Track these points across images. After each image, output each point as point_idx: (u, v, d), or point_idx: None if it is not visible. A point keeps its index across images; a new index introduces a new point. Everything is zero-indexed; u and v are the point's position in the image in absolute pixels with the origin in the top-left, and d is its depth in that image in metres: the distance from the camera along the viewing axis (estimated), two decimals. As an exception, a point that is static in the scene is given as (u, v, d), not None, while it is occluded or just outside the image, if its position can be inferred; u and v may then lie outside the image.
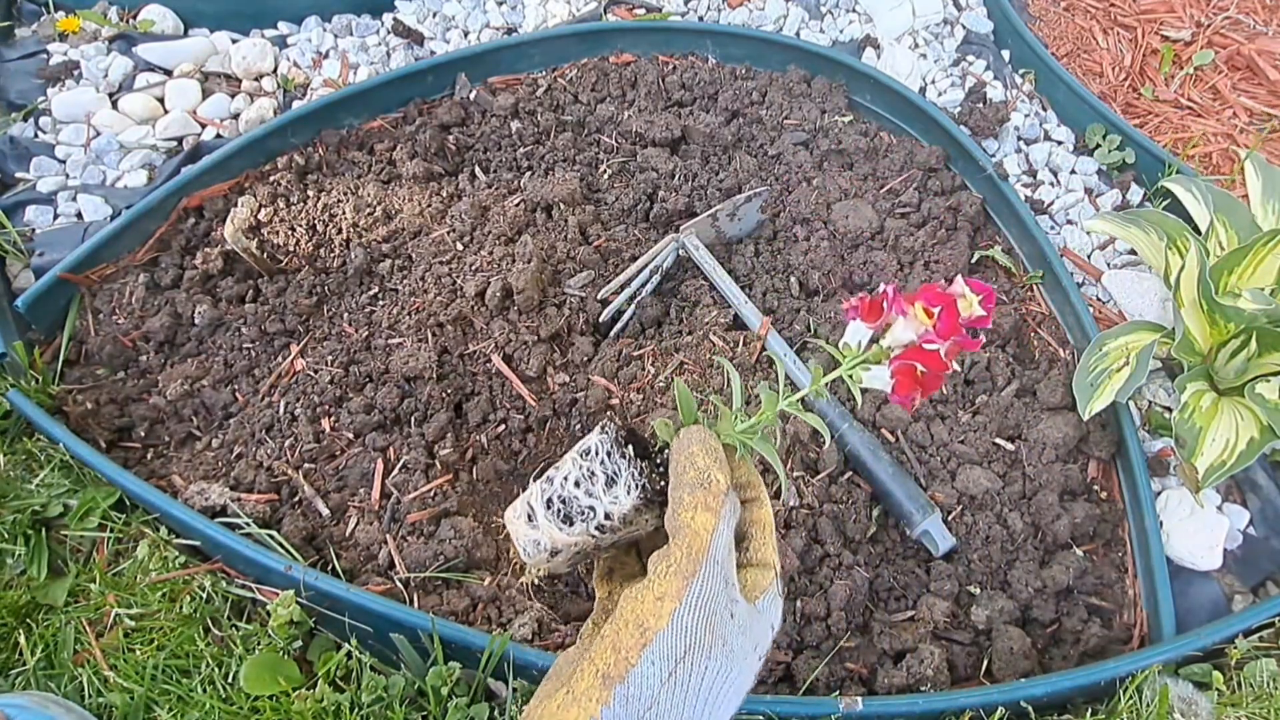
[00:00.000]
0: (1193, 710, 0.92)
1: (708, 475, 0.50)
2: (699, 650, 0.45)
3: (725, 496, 0.49)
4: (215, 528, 0.98)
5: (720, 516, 0.48)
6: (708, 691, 0.45)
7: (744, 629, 0.47)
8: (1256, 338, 1.06)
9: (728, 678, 0.45)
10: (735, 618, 0.46)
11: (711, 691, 0.45)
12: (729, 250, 1.32)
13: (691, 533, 0.47)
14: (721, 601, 0.46)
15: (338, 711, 0.88)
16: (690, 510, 0.48)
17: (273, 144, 1.38)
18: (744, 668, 0.46)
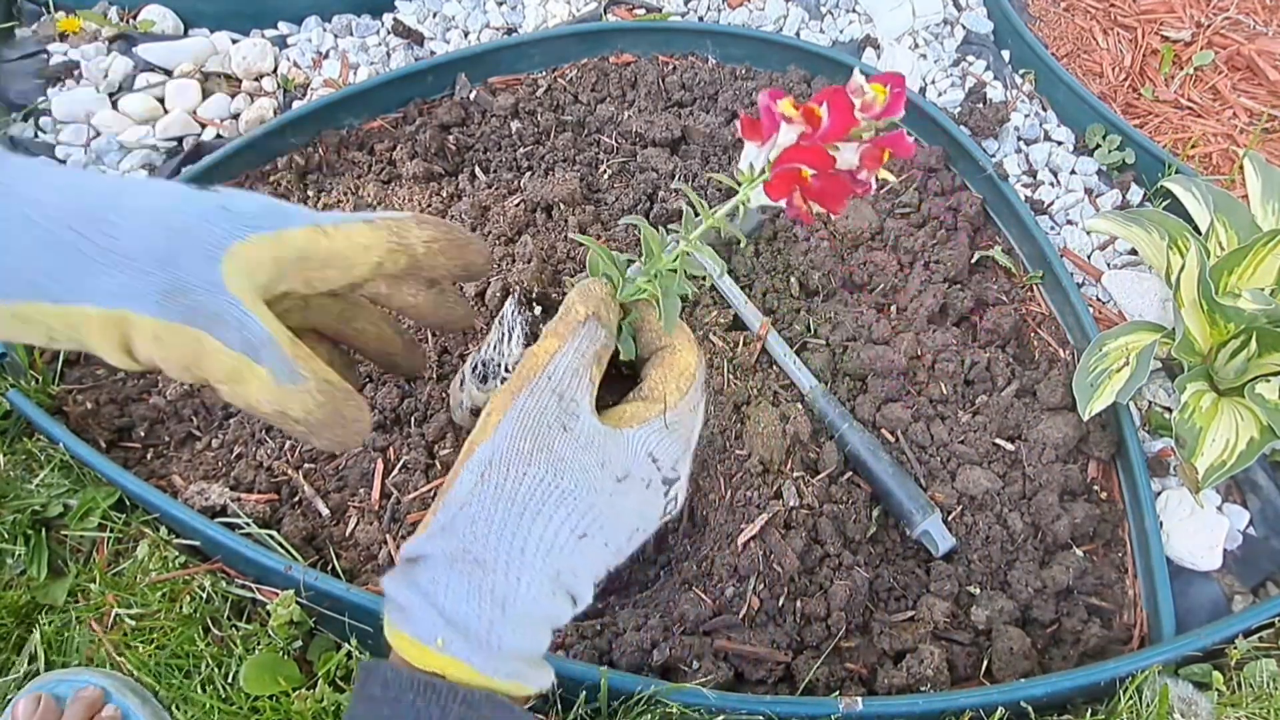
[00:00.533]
0: (1193, 710, 0.92)
1: (569, 307, 0.51)
2: (516, 456, 0.45)
3: (581, 325, 0.50)
4: (215, 528, 0.98)
5: (565, 340, 0.49)
6: (526, 496, 0.44)
7: (586, 446, 0.46)
8: (1256, 338, 1.06)
9: (555, 486, 0.45)
10: (571, 431, 0.46)
11: (531, 497, 0.44)
12: (729, 250, 1.32)
13: (531, 355, 0.49)
14: (552, 414, 0.46)
15: (338, 711, 0.88)
16: (542, 339, 0.49)
17: (273, 144, 1.38)
18: (584, 483, 0.45)
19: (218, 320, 0.42)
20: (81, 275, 0.40)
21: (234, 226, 0.44)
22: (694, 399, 0.52)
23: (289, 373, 0.44)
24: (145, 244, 0.41)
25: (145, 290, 0.41)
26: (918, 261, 1.30)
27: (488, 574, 0.43)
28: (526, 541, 0.44)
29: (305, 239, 0.46)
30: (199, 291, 0.42)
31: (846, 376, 1.18)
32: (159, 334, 0.42)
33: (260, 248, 0.45)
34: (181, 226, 0.43)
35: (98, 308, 0.41)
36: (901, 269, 1.29)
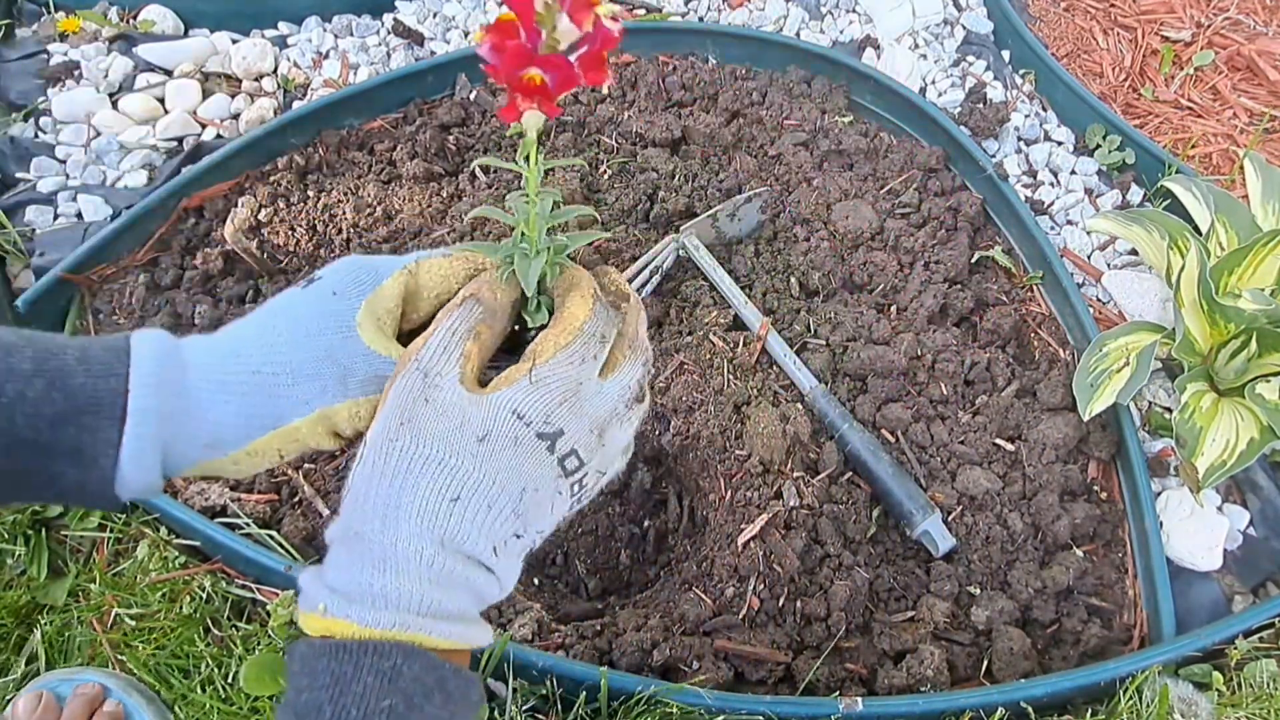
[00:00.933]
0: (1193, 711, 0.92)
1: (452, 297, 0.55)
2: (384, 434, 0.48)
3: (457, 308, 0.52)
4: (215, 528, 0.98)
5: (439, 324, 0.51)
6: (393, 469, 0.47)
7: (444, 412, 0.48)
8: (1256, 338, 1.06)
9: (418, 454, 0.47)
10: (432, 402, 0.48)
11: (398, 469, 0.47)
12: (729, 251, 1.32)
13: (410, 346, 0.51)
14: (417, 390, 0.49)
15: (338, 712, 0.88)
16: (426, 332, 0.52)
17: (273, 144, 1.38)
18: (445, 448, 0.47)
19: (381, 380, 0.52)
20: (278, 403, 0.50)
21: (347, 299, 0.53)
22: (577, 352, 0.52)
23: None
24: (307, 356, 0.51)
25: (326, 389, 0.51)
26: (918, 261, 1.29)
27: (365, 542, 0.46)
28: (399, 508, 0.46)
29: (399, 284, 0.55)
30: (359, 366, 0.52)
31: (846, 376, 1.18)
32: (352, 411, 0.52)
33: (373, 306, 0.54)
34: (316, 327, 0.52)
35: (302, 419, 0.51)
36: (901, 269, 1.29)
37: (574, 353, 0.52)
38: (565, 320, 0.53)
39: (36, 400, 0.45)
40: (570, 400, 0.51)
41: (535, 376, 0.50)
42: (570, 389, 0.51)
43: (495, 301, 0.54)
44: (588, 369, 0.52)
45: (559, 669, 0.88)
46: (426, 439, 0.47)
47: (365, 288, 0.54)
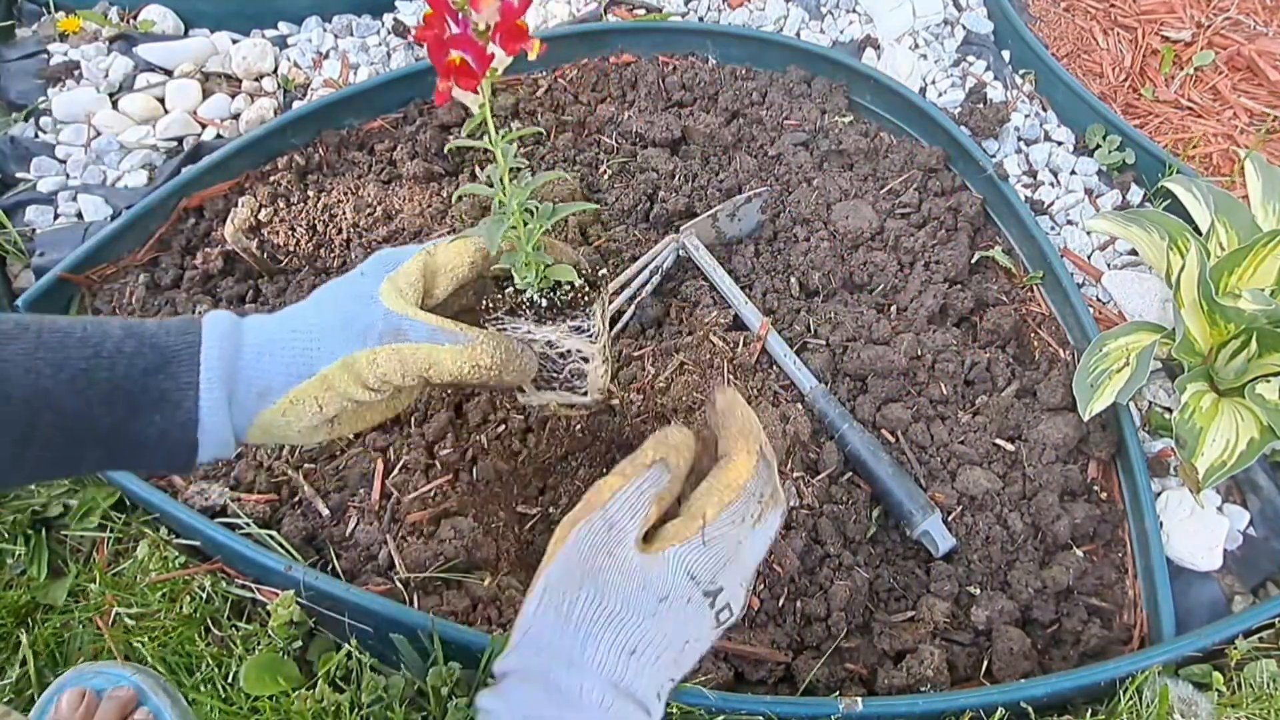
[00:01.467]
0: (1193, 711, 0.92)
1: (642, 449, 0.59)
2: (569, 581, 0.52)
3: (647, 468, 0.56)
4: (215, 528, 0.98)
5: (628, 480, 0.56)
6: (578, 617, 0.52)
7: (629, 571, 0.53)
8: (1257, 338, 1.06)
9: (600, 607, 0.52)
10: (615, 557, 0.53)
11: (582, 617, 0.52)
12: (729, 251, 1.32)
13: (595, 490, 0.56)
14: (600, 542, 0.53)
15: (338, 712, 0.88)
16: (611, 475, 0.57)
17: (273, 144, 1.38)
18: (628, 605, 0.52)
19: (400, 332, 0.61)
20: (312, 356, 0.60)
21: (373, 277, 0.64)
22: (739, 511, 0.56)
23: (464, 339, 0.62)
24: (334, 320, 0.62)
25: (349, 341, 0.61)
26: (918, 261, 1.29)
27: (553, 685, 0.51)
28: (584, 657, 0.51)
29: (420, 263, 0.66)
30: (379, 322, 0.61)
31: (846, 376, 1.18)
32: (373, 359, 0.61)
33: (395, 279, 0.64)
34: (344, 298, 0.63)
35: (332, 364, 0.60)
36: (901, 269, 1.29)
37: (737, 512, 0.56)
38: (727, 479, 0.57)
39: (131, 355, 0.55)
40: (732, 558, 0.56)
41: (707, 537, 0.55)
42: (732, 548, 0.56)
43: (680, 469, 0.58)
44: (746, 527, 0.57)
45: (559, 669, 0.88)
46: (610, 595, 0.52)
47: (388, 268, 0.65)
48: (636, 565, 0.53)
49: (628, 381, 1.15)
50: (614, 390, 1.14)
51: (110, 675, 0.90)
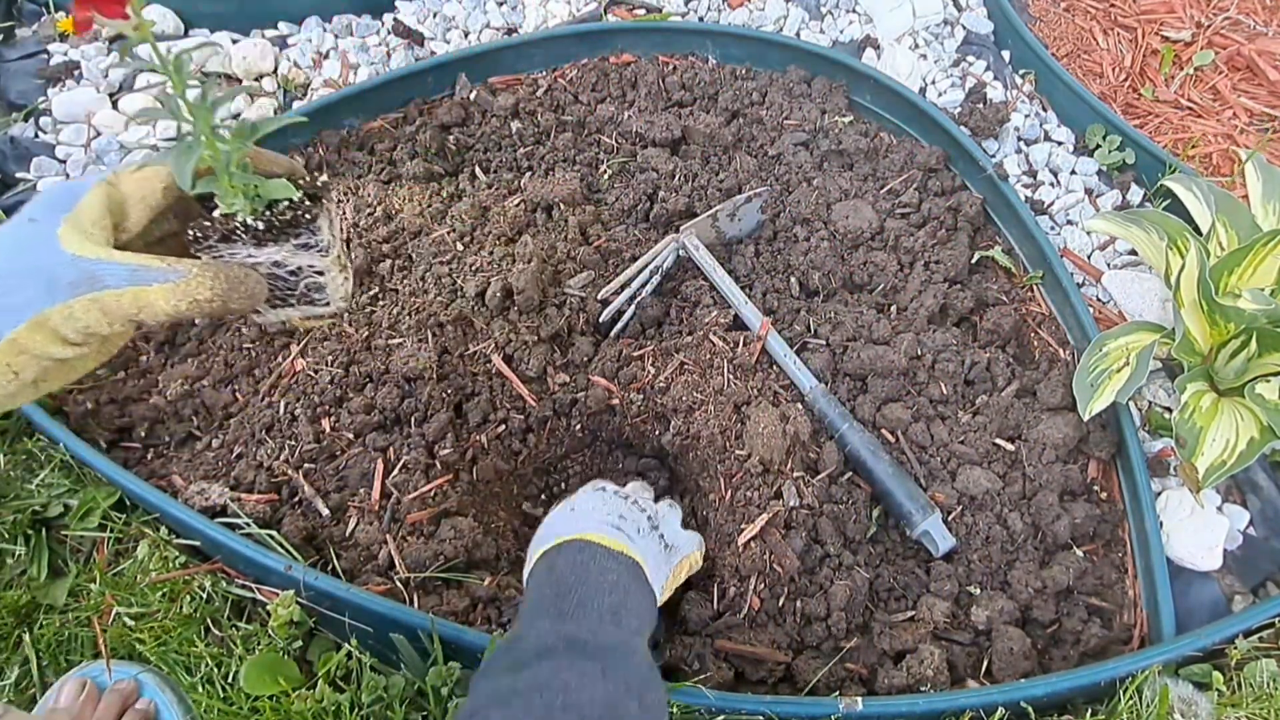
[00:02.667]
0: (1193, 711, 0.92)
1: None
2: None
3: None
4: (215, 528, 0.98)
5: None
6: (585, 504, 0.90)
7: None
8: (1256, 338, 1.06)
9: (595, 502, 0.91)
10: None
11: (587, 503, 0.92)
12: (729, 250, 1.32)
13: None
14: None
15: (338, 711, 0.88)
16: None
17: (272, 144, 1.38)
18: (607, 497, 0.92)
19: (94, 279, 0.54)
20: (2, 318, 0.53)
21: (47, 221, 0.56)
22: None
23: (173, 274, 0.56)
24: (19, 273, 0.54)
25: (35, 296, 0.54)
26: (918, 261, 1.29)
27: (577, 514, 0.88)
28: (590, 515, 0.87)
29: (101, 195, 0.59)
30: (65, 271, 0.54)
31: (846, 376, 1.18)
32: (68, 313, 0.54)
33: (76, 219, 0.57)
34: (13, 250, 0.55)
35: (18, 328, 0.54)
36: (901, 269, 1.29)
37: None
38: None
39: None
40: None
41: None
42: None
43: None
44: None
45: (559, 669, 0.88)
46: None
47: (63, 208, 0.58)
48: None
49: (627, 381, 1.14)
50: (614, 389, 1.14)
51: (116, 672, 0.91)
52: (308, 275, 0.66)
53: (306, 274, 0.66)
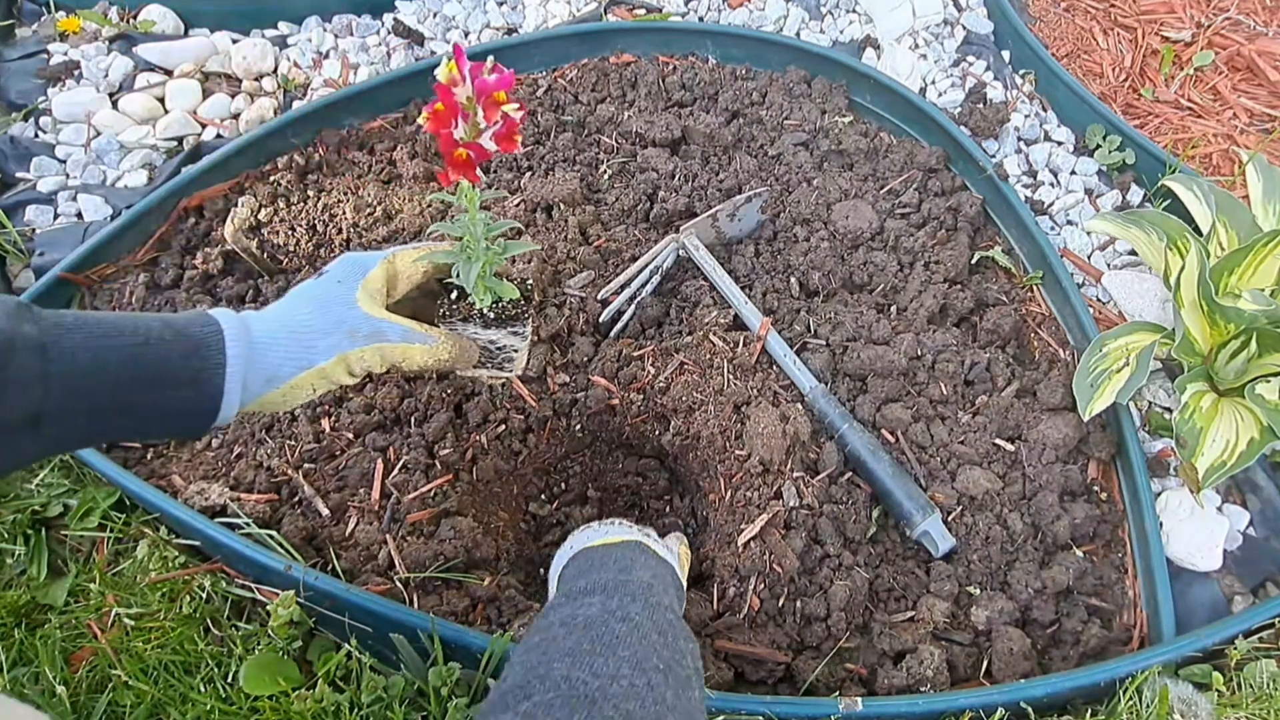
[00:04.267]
0: (1193, 711, 0.92)
1: None
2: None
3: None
4: (215, 528, 0.98)
5: None
6: None
7: None
8: (1256, 338, 1.06)
9: None
10: None
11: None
12: (729, 250, 1.32)
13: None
14: None
15: (337, 712, 0.88)
16: None
17: (273, 144, 1.38)
18: None
19: (378, 334, 0.79)
20: (311, 352, 0.75)
21: (350, 285, 0.80)
22: None
23: (428, 339, 0.82)
24: (326, 323, 0.77)
25: (339, 340, 0.77)
26: (918, 261, 1.29)
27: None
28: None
29: (384, 269, 0.83)
30: (362, 325, 0.78)
31: (846, 376, 1.18)
32: (360, 356, 0.78)
33: (367, 286, 0.81)
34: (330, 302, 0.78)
35: (328, 359, 0.76)
36: (901, 269, 1.29)
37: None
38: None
39: (170, 342, 0.67)
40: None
41: None
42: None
43: None
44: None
45: (559, 669, 0.88)
46: None
47: (359, 275, 0.81)
48: None
49: (627, 381, 1.14)
50: (614, 389, 1.14)
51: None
52: (507, 351, 0.92)
53: (506, 350, 0.92)
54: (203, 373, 0.69)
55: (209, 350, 0.69)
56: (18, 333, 0.60)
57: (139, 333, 0.66)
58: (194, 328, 0.70)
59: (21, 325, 0.61)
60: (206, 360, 0.69)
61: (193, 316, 0.71)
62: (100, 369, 0.64)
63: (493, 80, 0.71)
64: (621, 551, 0.78)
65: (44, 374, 0.61)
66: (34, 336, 0.61)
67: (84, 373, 0.63)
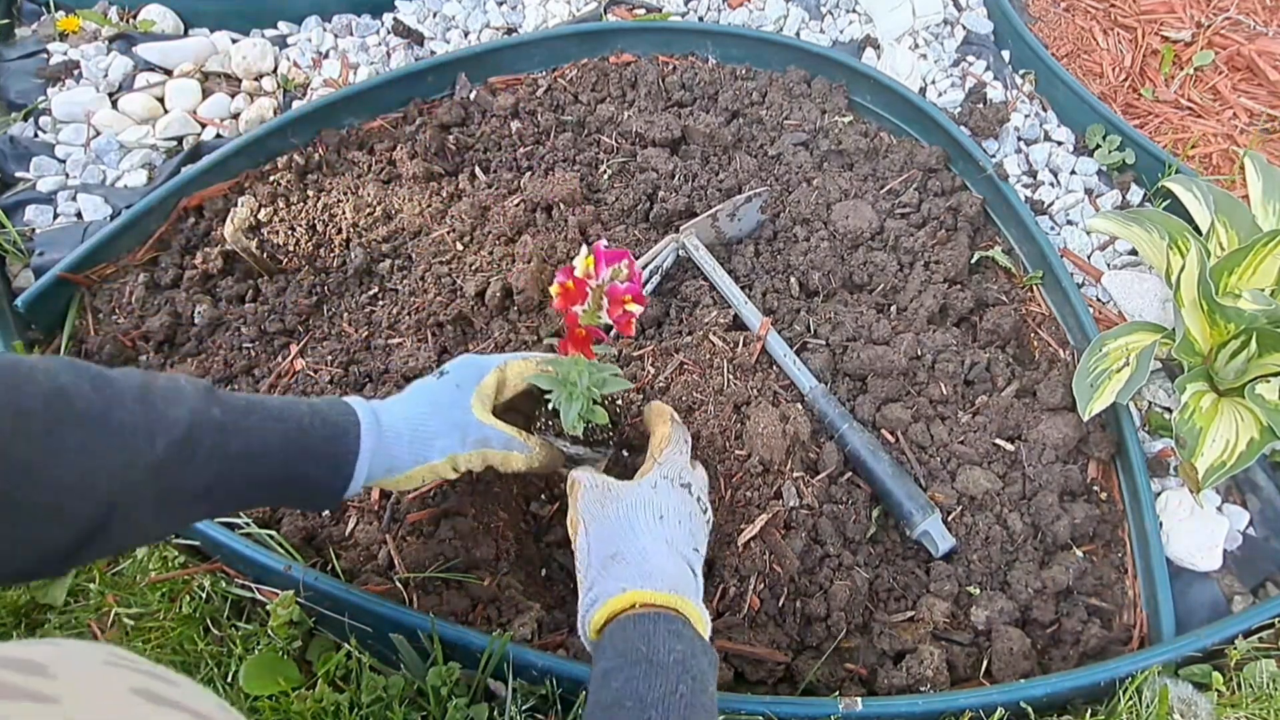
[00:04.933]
0: (1192, 711, 0.92)
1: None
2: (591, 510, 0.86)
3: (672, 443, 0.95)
4: (215, 527, 0.98)
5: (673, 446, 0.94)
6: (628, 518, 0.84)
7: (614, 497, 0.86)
8: (1256, 338, 1.06)
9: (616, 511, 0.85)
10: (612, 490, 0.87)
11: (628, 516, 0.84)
12: (729, 250, 1.32)
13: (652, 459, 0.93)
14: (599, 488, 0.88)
15: (337, 711, 0.88)
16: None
17: (273, 144, 1.38)
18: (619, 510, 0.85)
19: (485, 440, 0.87)
20: (427, 449, 0.84)
21: (466, 390, 0.88)
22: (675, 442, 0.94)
23: (526, 449, 0.90)
24: (443, 425, 0.85)
25: (452, 443, 0.86)
26: (918, 261, 1.29)
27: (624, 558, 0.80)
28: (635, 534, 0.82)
29: (496, 377, 0.91)
30: (472, 430, 0.86)
31: (846, 376, 1.18)
32: (468, 459, 0.87)
33: (481, 393, 0.89)
34: (448, 406, 0.87)
35: (441, 459, 0.85)
36: (901, 269, 1.29)
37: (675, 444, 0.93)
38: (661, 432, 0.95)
39: (319, 429, 0.77)
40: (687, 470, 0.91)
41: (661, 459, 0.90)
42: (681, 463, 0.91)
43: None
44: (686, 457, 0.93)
45: (559, 669, 0.88)
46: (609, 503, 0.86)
47: (475, 380, 0.89)
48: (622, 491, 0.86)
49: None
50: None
51: None
52: (588, 459, 1.03)
53: (588, 458, 1.03)
54: (341, 458, 0.78)
55: (347, 439, 0.79)
56: (208, 415, 0.69)
57: (297, 418, 0.76)
58: (336, 415, 0.79)
59: (211, 408, 0.70)
60: (346, 447, 0.78)
61: (335, 405, 0.80)
62: (266, 450, 0.72)
63: (624, 287, 0.79)
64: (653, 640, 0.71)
65: (225, 453, 0.69)
66: (219, 419, 0.70)
67: (254, 453, 0.72)
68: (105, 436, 0.62)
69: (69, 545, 0.62)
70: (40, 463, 0.58)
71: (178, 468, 0.66)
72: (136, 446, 0.63)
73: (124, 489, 0.63)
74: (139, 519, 0.65)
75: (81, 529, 0.62)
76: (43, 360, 0.63)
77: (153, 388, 0.67)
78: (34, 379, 0.60)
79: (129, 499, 0.64)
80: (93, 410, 0.62)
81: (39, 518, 0.59)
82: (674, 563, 0.79)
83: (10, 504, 0.57)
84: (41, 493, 0.58)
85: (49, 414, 0.59)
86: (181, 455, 0.66)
